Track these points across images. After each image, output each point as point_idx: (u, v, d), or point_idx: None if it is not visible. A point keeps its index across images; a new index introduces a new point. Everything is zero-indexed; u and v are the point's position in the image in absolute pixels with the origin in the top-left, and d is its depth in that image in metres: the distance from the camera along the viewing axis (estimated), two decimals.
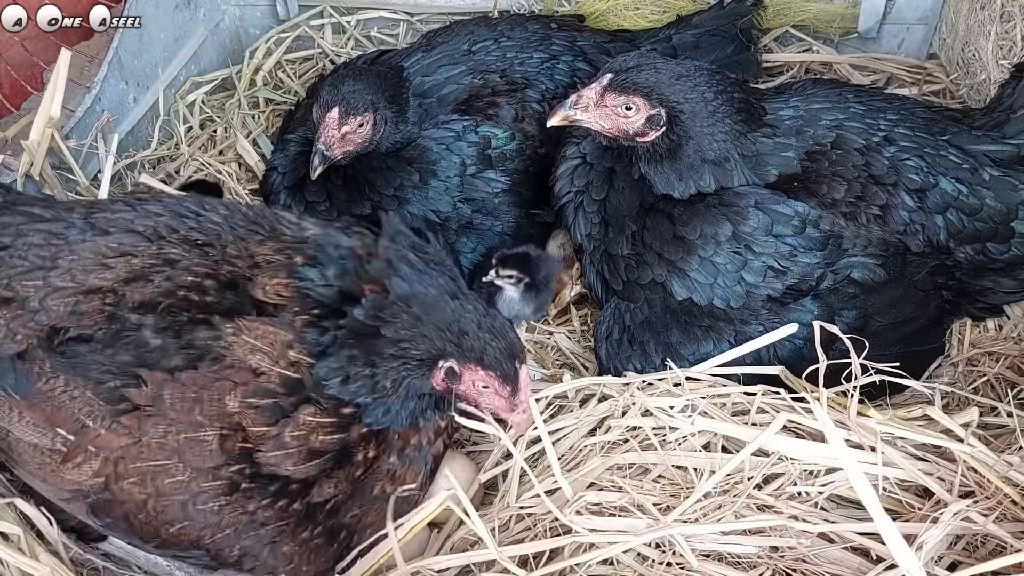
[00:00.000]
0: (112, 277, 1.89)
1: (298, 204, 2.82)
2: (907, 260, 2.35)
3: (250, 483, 1.79)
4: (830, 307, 2.31)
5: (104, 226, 2.00)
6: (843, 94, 2.51)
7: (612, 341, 2.45)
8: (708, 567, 1.77)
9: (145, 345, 1.81)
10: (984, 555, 1.74)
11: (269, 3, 3.72)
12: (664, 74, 2.28)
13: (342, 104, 2.61)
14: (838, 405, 2.01)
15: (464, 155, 2.81)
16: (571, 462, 2.07)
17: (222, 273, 1.90)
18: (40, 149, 2.66)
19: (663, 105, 2.29)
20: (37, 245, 1.96)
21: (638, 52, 2.36)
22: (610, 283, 2.50)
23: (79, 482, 1.82)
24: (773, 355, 2.31)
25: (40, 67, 3.02)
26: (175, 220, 2.02)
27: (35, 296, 1.88)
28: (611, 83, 2.30)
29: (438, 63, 2.93)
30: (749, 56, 3.18)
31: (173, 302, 1.85)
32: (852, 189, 2.32)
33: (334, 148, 2.64)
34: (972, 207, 2.34)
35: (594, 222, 2.50)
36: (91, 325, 1.84)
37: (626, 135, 2.35)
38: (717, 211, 2.33)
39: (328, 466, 1.86)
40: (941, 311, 2.48)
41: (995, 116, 2.46)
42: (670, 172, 2.38)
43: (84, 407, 1.79)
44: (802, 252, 2.30)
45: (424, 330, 1.82)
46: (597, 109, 2.33)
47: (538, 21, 3.14)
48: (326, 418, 1.83)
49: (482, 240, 2.87)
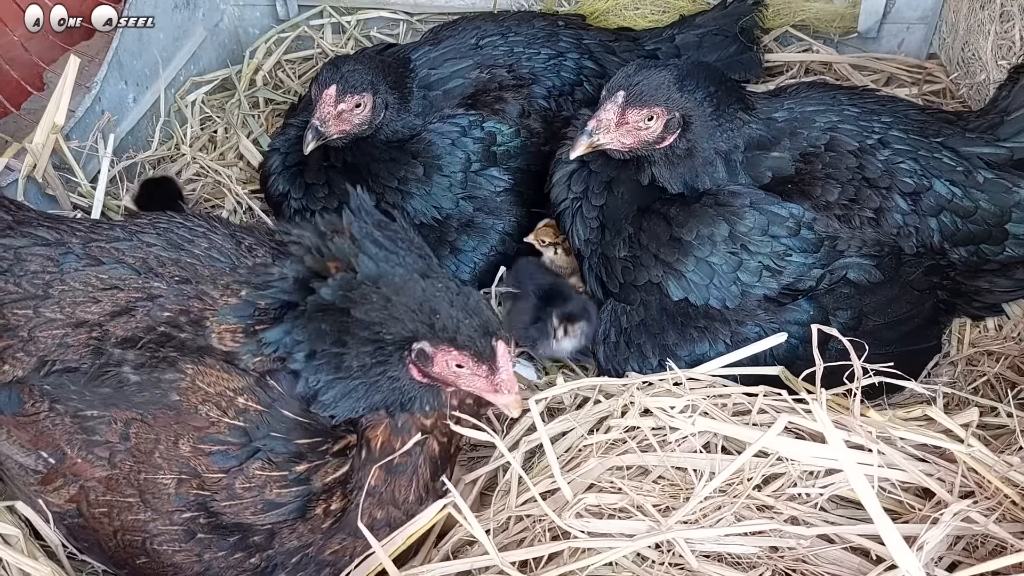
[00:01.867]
0: (99, 311, 1.90)
1: (297, 187, 2.82)
2: (902, 260, 2.35)
3: (207, 533, 1.79)
4: (825, 307, 2.31)
5: (98, 255, 2.00)
6: (837, 97, 2.51)
7: (610, 344, 2.46)
8: (708, 568, 1.77)
9: (125, 380, 1.81)
10: (984, 555, 1.74)
11: (269, 3, 3.72)
12: (670, 78, 2.29)
13: (340, 82, 2.58)
14: (837, 405, 2.01)
15: (469, 151, 2.80)
16: (570, 462, 2.07)
17: (192, 309, 1.89)
18: (44, 153, 2.66)
19: (677, 108, 2.30)
20: (32, 272, 1.97)
21: (635, 63, 2.36)
22: (607, 285, 2.50)
23: (58, 504, 1.86)
24: (769, 355, 2.31)
25: (40, 67, 3.03)
26: (167, 251, 2.02)
27: (25, 326, 1.91)
28: (627, 99, 2.29)
29: (445, 56, 2.92)
30: (752, 56, 3.18)
31: (152, 337, 1.85)
32: (846, 191, 2.32)
33: (329, 125, 2.60)
34: (966, 209, 2.34)
35: (592, 227, 2.50)
36: (76, 359, 1.86)
37: (646, 145, 2.35)
38: (713, 211, 2.33)
39: (290, 517, 1.82)
40: (937, 310, 2.47)
41: (989, 118, 2.47)
42: (686, 171, 2.39)
43: (64, 434, 1.82)
44: (797, 252, 2.30)
45: (395, 311, 1.74)
46: (618, 128, 2.32)
47: (545, 18, 3.13)
48: (275, 472, 1.78)
49: (484, 239, 2.86)
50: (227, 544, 1.80)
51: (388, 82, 2.69)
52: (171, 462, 1.76)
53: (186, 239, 2.05)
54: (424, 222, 2.81)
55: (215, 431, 1.76)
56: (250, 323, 1.84)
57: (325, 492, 1.84)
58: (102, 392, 1.81)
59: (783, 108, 2.44)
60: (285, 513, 1.80)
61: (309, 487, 1.81)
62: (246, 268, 1.99)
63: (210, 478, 1.76)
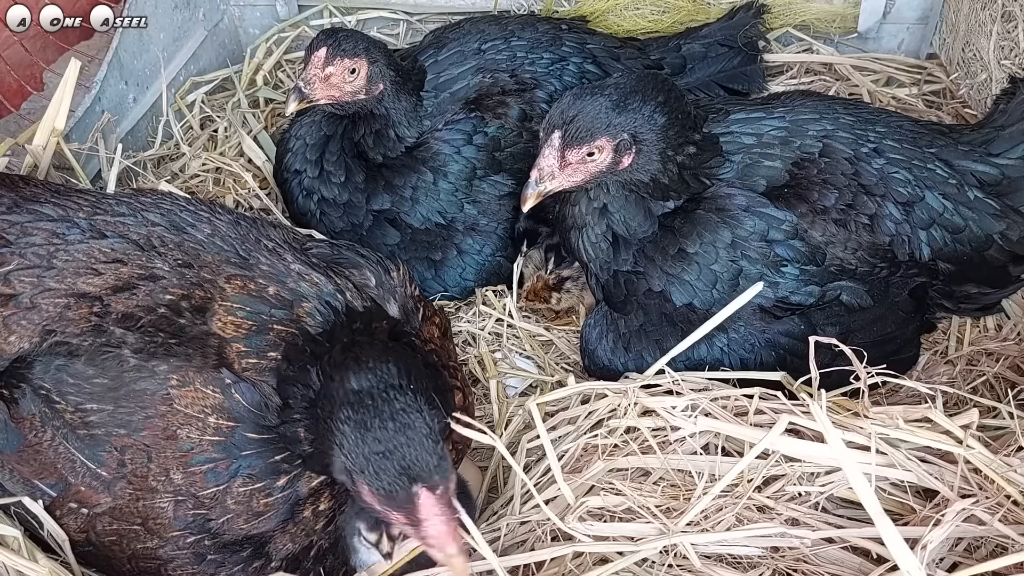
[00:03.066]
0: (101, 284, 1.89)
1: (313, 167, 2.82)
2: (890, 283, 2.35)
3: (216, 553, 1.78)
4: (815, 322, 2.32)
5: (103, 228, 2.00)
6: (832, 106, 2.49)
7: (606, 347, 2.46)
8: (709, 568, 1.77)
9: (124, 363, 1.79)
10: (984, 556, 1.74)
11: (269, 3, 3.72)
12: (607, 102, 2.18)
13: (331, 46, 2.52)
14: (837, 407, 2.01)
15: (475, 158, 2.83)
16: (571, 462, 2.07)
17: (194, 296, 1.88)
18: (45, 155, 2.66)
19: (623, 131, 2.20)
20: (37, 244, 1.97)
21: (571, 94, 2.24)
22: (612, 298, 2.48)
23: (68, 531, 1.85)
24: (759, 361, 2.34)
25: (40, 67, 3.03)
26: (169, 232, 2.01)
27: (28, 293, 1.90)
28: (564, 140, 2.18)
29: (449, 60, 2.93)
30: (755, 68, 3.18)
31: (152, 319, 1.84)
32: (843, 196, 2.31)
33: (315, 88, 2.55)
34: (956, 226, 2.34)
35: (602, 248, 2.43)
36: (77, 333, 1.84)
37: (603, 174, 2.27)
38: (715, 217, 2.32)
39: (282, 520, 1.80)
40: (919, 331, 2.51)
41: (984, 132, 2.46)
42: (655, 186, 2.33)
43: (67, 463, 1.81)
44: (792, 264, 2.29)
45: None
46: (564, 171, 2.22)
47: (548, 22, 3.13)
48: (256, 484, 1.76)
49: (487, 241, 2.90)
50: (240, 558, 1.79)
51: (387, 58, 2.67)
52: (166, 484, 1.75)
53: (188, 223, 2.04)
54: (429, 228, 2.85)
55: (200, 450, 1.75)
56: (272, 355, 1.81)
57: (312, 495, 1.82)
58: (101, 383, 1.79)
59: (773, 116, 2.41)
60: (273, 521, 1.79)
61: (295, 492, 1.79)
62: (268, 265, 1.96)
63: (205, 495, 1.75)
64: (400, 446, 1.56)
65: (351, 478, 1.62)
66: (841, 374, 2.03)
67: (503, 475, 2.29)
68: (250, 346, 1.80)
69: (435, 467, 1.57)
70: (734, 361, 2.36)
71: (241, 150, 3.33)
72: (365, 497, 1.64)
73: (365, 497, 1.64)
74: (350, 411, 1.60)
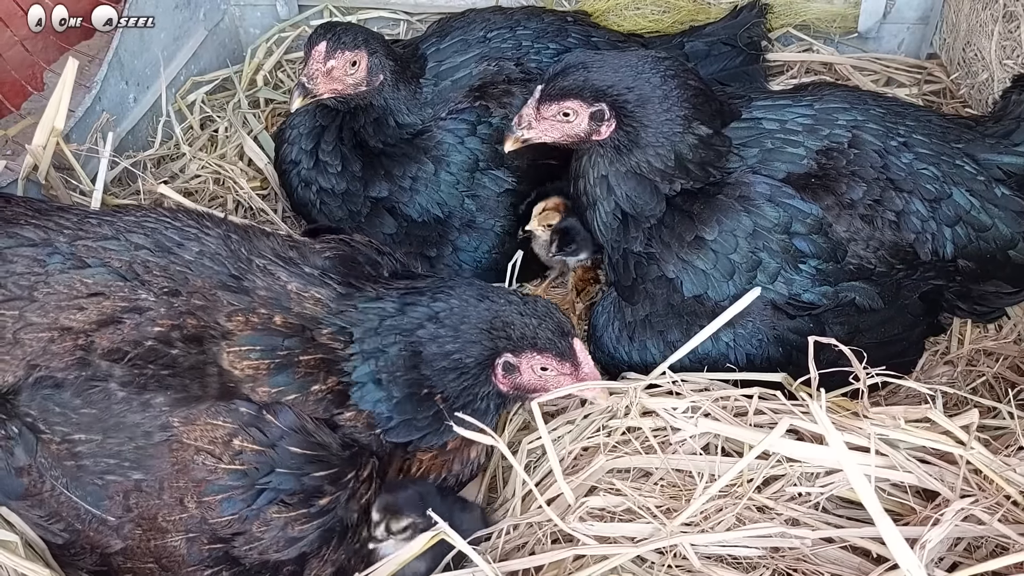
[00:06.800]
0: (84, 319, 1.87)
1: (308, 157, 2.81)
2: (902, 286, 2.34)
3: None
4: (823, 319, 2.31)
5: (84, 256, 1.96)
6: (862, 96, 2.47)
7: (612, 335, 2.45)
8: (709, 569, 1.77)
9: (112, 397, 1.78)
10: (983, 556, 1.74)
11: (269, 3, 3.71)
12: (598, 70, 2.21)
13: (331, 39, 2.52)
14: (837, 407, 2.01)
15: (479, 150, 2.80)
16: (571, 462, 2.07)
17: (186, 326, 1.86)
18: (45, 155, 2.66)
19: (602, 100, 2.22)
20: (18, 274, 1.94)
21: (572, 54, 2.28)
22: (621, 280, 2.46)
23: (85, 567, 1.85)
24: (766, 357, 2.32)
25: (40, 67, 3.03)
26: (154, 256, 1.98)
27: (11, 328, 1.88)
28: (542, 94, 2.26)
29: (452, 48, 2.91)
30: (757, 68, 3.17)
31: (140, 352, 1.82)
32: (871, 191, 2.27)
33: (318, 83, 2.55)
34: (982, 223, 2.32)
35: (613, 226, 2.42)
36: (62, 368, 1.82)
37: (580, 139, 2.30)
38: (737, 205, 2.27)
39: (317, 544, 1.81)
40: (925, 334, 2.51)
41: (1005, 124, 2.45)
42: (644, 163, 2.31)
43: (71, 511, 1.80)
44: (811, 260, 2.27)
45: (468, 336, 1.89)
46: (539, 123, 2.29)
47: (554, 13, 3.13)
48: (294, 511, 1.77)
49: (484, 239, 2.87)
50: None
51: (386, 49, 2.66)
52: (176, 523, 1.75)
53: (175, 242, 2.02)
54: (427, 220, 2.82)
55: (215, 479, 1.74)
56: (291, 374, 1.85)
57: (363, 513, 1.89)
58: (89, 414, 1.78)
59: (800, 104, 2.39)
60: (307, 545, 1.80)
61: (335, 516, 1.82)
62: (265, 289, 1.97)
63: (222, 525, 1.75)
64: (549, 314, 1.95)
65: (519, 358, 1.94)
66: (845, 374, 2.02)
67: (503, 475, 2.29)
68: (278, 384, 1.84)
69: (571, 323, 2.03)
70: (739, 356, 2.33)
71: (242, 151, 3.33)
72: (528, 374, 1.96)
73: (528, 374, 1.96)
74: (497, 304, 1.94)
